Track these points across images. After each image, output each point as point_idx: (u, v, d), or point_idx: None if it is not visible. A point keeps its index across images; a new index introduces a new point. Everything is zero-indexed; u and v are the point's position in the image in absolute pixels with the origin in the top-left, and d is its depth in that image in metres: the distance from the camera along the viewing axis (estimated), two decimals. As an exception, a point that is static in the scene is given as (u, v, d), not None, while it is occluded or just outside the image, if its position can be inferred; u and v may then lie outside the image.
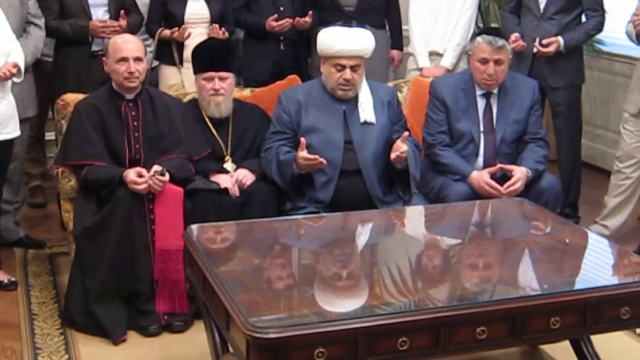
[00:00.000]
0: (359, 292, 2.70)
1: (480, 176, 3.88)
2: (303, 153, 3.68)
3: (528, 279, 2.84)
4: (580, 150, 4.93)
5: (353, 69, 3.81)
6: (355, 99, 3.89)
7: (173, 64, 4.69)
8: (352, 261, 3.00)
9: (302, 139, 3.70)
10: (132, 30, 4.45)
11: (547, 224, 3.39)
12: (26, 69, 4.01)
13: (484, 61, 3.96)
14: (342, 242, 3.23)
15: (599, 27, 4.70)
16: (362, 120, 3.86)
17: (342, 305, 2.62)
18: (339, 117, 3.83)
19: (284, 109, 3.89)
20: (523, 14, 4.76)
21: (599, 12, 4.67)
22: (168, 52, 4.68)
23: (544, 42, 4.56)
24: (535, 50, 4.61)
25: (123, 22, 4.43)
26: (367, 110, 3.87)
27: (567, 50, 4.59)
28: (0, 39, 3.80)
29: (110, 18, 4.47)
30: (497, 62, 3.95)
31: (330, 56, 3.83)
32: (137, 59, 3.75)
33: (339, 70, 3.81)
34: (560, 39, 4.57)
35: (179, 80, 4.65)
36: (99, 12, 4.49)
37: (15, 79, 3.83)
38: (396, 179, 3.87)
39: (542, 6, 4.65)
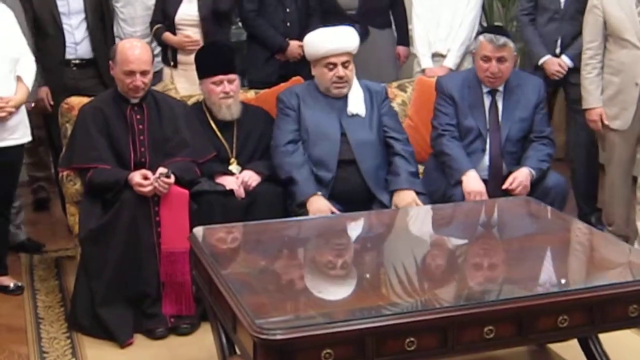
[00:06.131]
0: (365, 292, 2.69)
1: (475, 180, 3.85)
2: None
3: (535, 278, 2.82)
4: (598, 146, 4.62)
5: (344, 65, 3.88)
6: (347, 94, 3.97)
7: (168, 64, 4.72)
8: (358, 261, 3.00)
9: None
10: None
11: (553, 223, 3.38)
12: None
13: (487, 59, 3.95)
14: (348, 243, 3.22)
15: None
16: (350, 113, 3.92)
17: (349, 305, 2.61)
18: (334, 111, 3.91)
19: (288, 105, 3.93)
20: (540, 14, 4.62)
21: None
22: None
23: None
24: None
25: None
26: (356, 104, 3.94)
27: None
28: (11, 45, 3.80)
29: (88, 27, 4.46)
30: (500, 60, 3.94)
31: (320, 57, 3.90)
32: (144, 72, 3.72)
33: (330, 70, 3.89)
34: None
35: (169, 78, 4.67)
36: (73, 21, 4.44)
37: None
38: None
39: (562, 5, 4.50)
